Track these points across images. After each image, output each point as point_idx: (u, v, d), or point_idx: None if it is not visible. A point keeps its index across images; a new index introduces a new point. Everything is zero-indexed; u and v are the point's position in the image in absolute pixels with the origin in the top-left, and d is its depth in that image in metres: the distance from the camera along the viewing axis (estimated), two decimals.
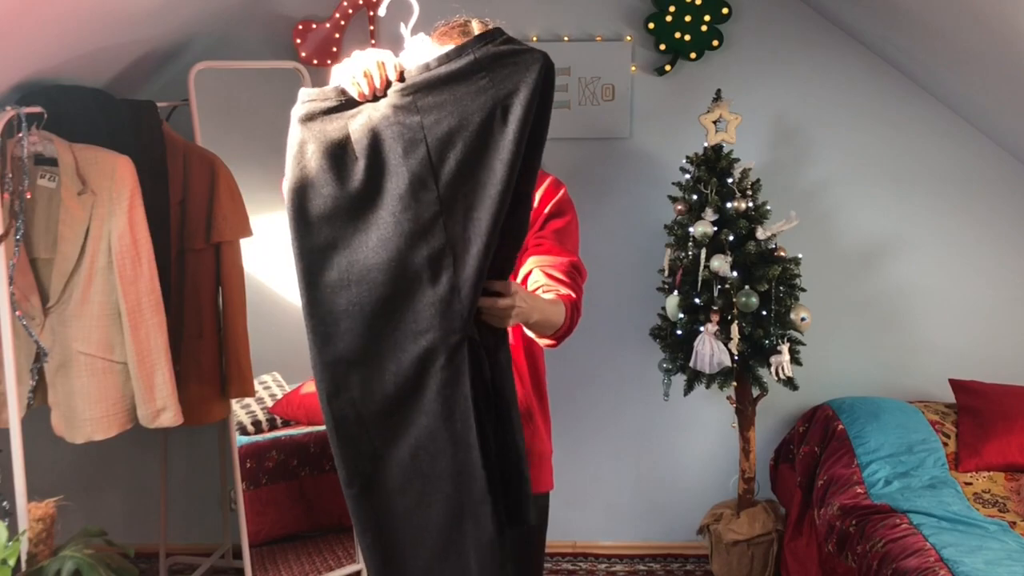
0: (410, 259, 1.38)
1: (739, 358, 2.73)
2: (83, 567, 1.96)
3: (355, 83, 1.39)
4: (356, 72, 1.39)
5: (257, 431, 2.98)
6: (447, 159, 1.35)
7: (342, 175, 1.38)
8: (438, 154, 1.35)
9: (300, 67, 2.92)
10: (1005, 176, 3.11)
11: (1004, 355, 3.16)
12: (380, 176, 1.38)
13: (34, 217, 2.21)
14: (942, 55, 2.79)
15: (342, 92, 1.41)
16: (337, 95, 1.41)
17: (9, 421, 2.17)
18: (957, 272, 3.16)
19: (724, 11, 2.97)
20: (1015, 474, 2.76)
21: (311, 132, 1.40)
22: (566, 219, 1.80)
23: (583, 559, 3.29)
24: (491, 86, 1.34)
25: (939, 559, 2.20)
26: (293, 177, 1.40)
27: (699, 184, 2.81)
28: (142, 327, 2.27)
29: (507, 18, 3.12)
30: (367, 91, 1.39)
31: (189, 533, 3.31)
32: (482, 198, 1.35)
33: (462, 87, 1.35)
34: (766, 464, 3.19)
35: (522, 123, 1.33)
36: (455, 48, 1.36)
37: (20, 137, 2.11)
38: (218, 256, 2.63)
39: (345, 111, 1.40)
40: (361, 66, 1.39)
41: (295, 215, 1.41)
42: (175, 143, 2.58)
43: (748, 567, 2.94)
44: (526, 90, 1.33)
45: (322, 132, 1.40)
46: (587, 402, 3.26)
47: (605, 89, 3.07)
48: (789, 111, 3.11)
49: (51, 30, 2.09)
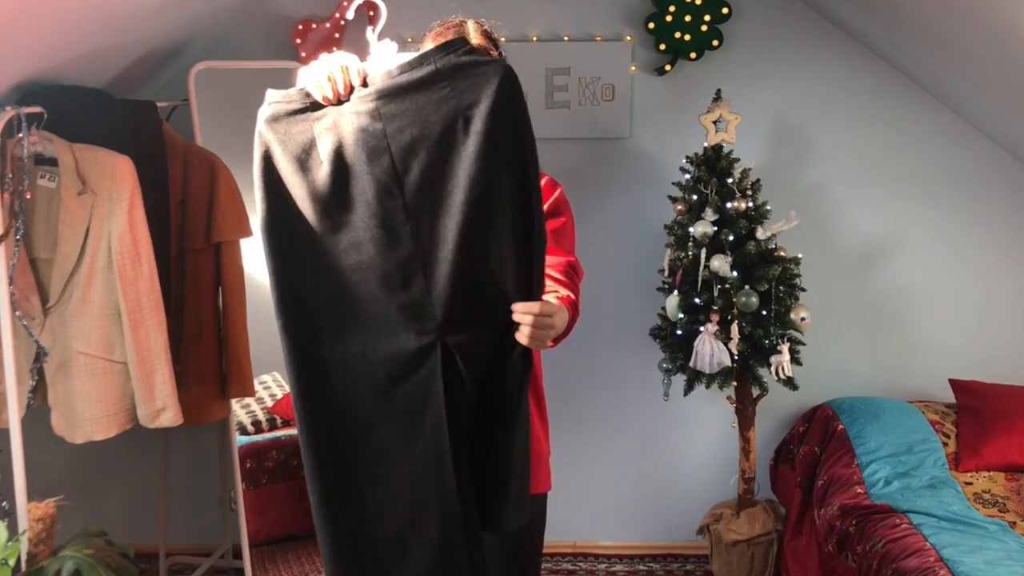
0: (380, 263, 1.39)
1: (739, 358, 2.73)
2: (83, 567, 1.96)
3: (319, 86, 1.40)
4: (320, 76, 1.39)
5: (257, 431, 2.98)
6: (411, 168, 1.37)
7: (308, 178, 1.40)
8: (402, 163, 1.37)
9: (300, 67, 2.92)
10: (1005, 176, 3.11)
11: (1004, 355, 3.16)
12: (346, 181, 1.39)
13: (34, 217, 2.21)
14: (942, 55, 2.79)
15: (307, 95, 1.42)
16: (302, 97, 1.42)
17: (9, 421, 2.17)
18: (957, 272, 3.16)
19: (724, 11, 2.97)
20: (1015, 474, 2.76)
21: (276, 134, 1.41)
22: (562, 219, 1.80)
23: (583, 559, 3.29)
24: (452, 96, 1.35)
25: (939, 559, 2.20)
26: (260, 178, 1.42)
27: (699, 184, 2.81)
28: (142, 327, 2.27)
29: (507, 18, 3.14)
30: (331, 95, 1.40)
31: (189, 533, 3.31)
32: (447, 206, 1.36)
33: (423, 96, 1.36)
34: (766, 464, 3.19)
35: (485, 134, 1.34)
36: (417, 56, 1.38)
37: (20, 137, 2.11)
38: (218, 256, 2.63)
39: (310, 113, 1.42)
40: (325, 70, 1.39)
41: (264, 215, 1.42)
42: (175, 143, 2.58)
43: (748, 567, 2.94)
44: (487, 101, 1.34)
45: (287, 134, 1.41)
46: (587, 402, 3.26)
47: (605, 89, 3.07)
48: (789, 111, 3.11)
49: (51, 30, 2.09)
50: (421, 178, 1.37)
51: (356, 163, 1.38)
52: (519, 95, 1.38)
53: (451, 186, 1.36)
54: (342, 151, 1.39)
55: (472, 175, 1.34)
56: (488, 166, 1.34)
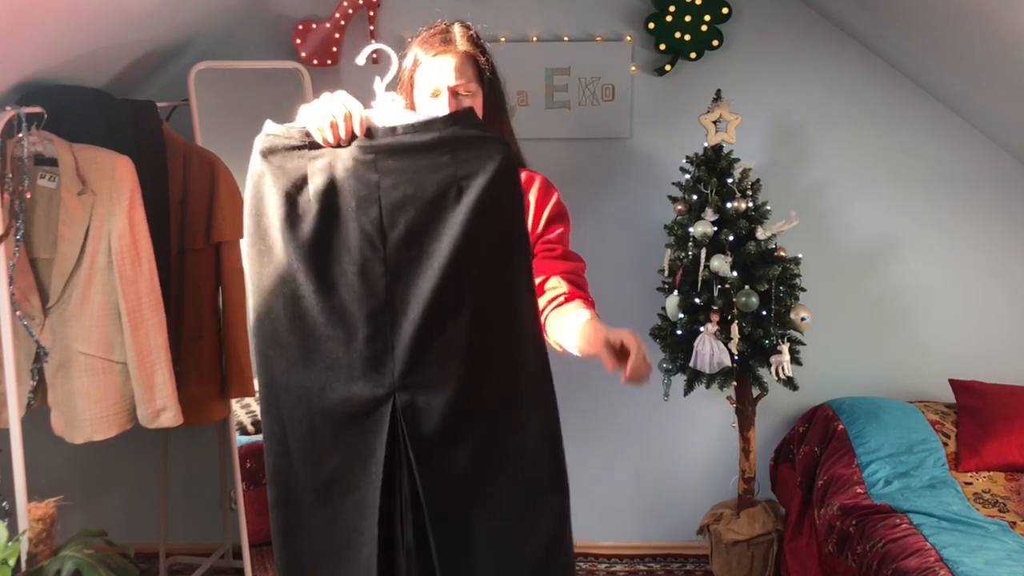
0: (350, 309, 1.41)
1: (739, 358, 2.73)
2: (83, 567, 1.96)
3: (320, 128, 1.40)
4: (323, 119, 1.40)
5: (257, 431, 2.98)
6: (398, 224, 1.39)
7: (294, 215, 1.41)
8: (390, 217, 1.39)
9: (300, 67, 2.92)
10: (1005, 176, 3.10)
11: (1004, 355, 3.16)
12: (332, 224, 1.41)
13: (34, 217, 2.21)
14: (942, 54, 2.79)
15: (307, 134, 1.43)
16: (301, 136, 1.43)
17: (9, 421, 2.17)
18: (957, 272, 3.16)
19: (724, 11, 2.97)
20: (1015, 474, 2.76)
21: (270, 166, 1.42)
22: (567, 223, 1.82)
23: (583, 559, 3.29)
24: (451, 164, 1.38)
25: (939, 559, 2.21)
26: (250, 206, 1.45)
27: (699, 184, 2.81)
28: (142, 327, 2.27)
29: (507, 18, 3.14)
30: (331, 139, 1.41)
31: (189, 533, 3.31)
32: (425, 268, 1.39)
33: (423, 159, 1.39)
34: (766, 464, 3.19)
35: (475, 206, 1.37)
36: (423, 121, 1.40)
37: (20, 137, 2.11)
38: (218, 256, 2.63)
39: (307, 152, 1.43)
40: (328, 114, 1.40)
41: (250, 238, 1.45)
42: (175, 143, 2.58)
43: (748, 567, 2.94)
44: (484, 177, 1.37)
45: (281, 168, 1.42)
46: (587, 402, 3.26)
47: (605, 89, 3.07)
48: (789, 111, 3.11)
49: (51, 30, 2.09)
50: (406, 236, 1.39)
51: (345, 208, 1.40)
52: (516, 178, 1.42)
53: (433, 249, 1.38)
54: (333, 194, 1.41)
55: (456, 242, 1.37)
56: (475, 237, 1.37)
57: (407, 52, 1.74)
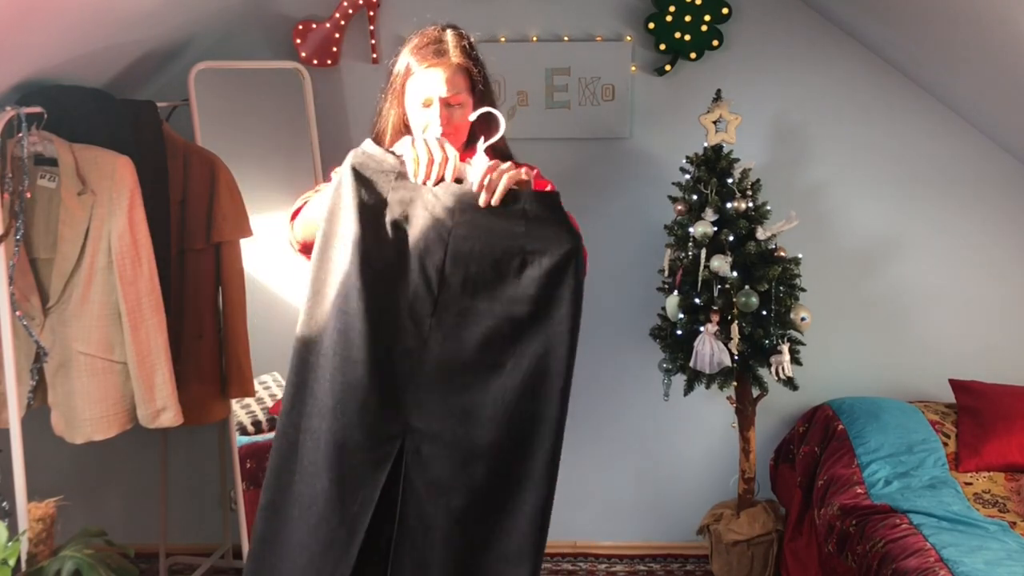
0: (390, 339, 1.46)
1: (739, 358, 2.73)
2: (83, 567, 1.96)
3: (416, 161, 1.46)
4: (421, 157, 1.46)
5: (257, 431, 2.98)
6: (457, 273, 1.45)
7: (365, 233, 1.45)
8: (452, 265, 1.45)
9: (300, 67, 2.92)
10: (1005, 176, 3.10)
11: (1004, 355, 3.16)
12: (397, 254, 1.46)
13: (34, 217, 2.21)
14: (942, 55, 2.79)
15: (399, 164, 1.48)
16: (393, 164, 1.48)
17: (9, 421, 2.17)
18: (957, 272, 3.16)
19: (724, 11, 2.97)
20: (1015, 474, 2.76)
21: (357, 180, 1.47)
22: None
23: (583, 559, 3.29)
24: (524, 237, 1.45)
25: (939, 559, 2.20)
26: (328, 210, 1.49)
27: (699, 184, 2.81)
28: (142, 327, 2.27)
29: (507, 18, 3.14)
30: (421, 179, 1.46)
31: (189, 533, 3.31)
32: (468, 324, 1.45)
33: (500, 223, 1.45)
34: (766, 464, 3.19)
35: (535, 281, 1.43)
36: (511, 191, 1.45)
37: (20, 137, 2.11)
38: (218, 256, 2.63)
39: (394, 180, 1.48)
40: (427, 155, 1.46)
41: (319, 240, 1.49)
42: (175, 143, 2.58)
43: (748, 567, 2.94)
44: (550, 259, 1.44)
45: (366, 185, 1.47)
46: (587, 402, 3.26)
47: (605, 89, 3.07)
48: (789, 111, 3.11)
49: (51, 30, 2.09)
50: (461, 287, 1.45)
51: (413, 244, 1.46)
52: (581, 269, 1.47)
53: (483, 307, 1.44)
54: (404, 226, 1.46)
55: (506, 308, 1.44)
56: (525, 310, 1.44)
57: (399, 56, 1.73)
